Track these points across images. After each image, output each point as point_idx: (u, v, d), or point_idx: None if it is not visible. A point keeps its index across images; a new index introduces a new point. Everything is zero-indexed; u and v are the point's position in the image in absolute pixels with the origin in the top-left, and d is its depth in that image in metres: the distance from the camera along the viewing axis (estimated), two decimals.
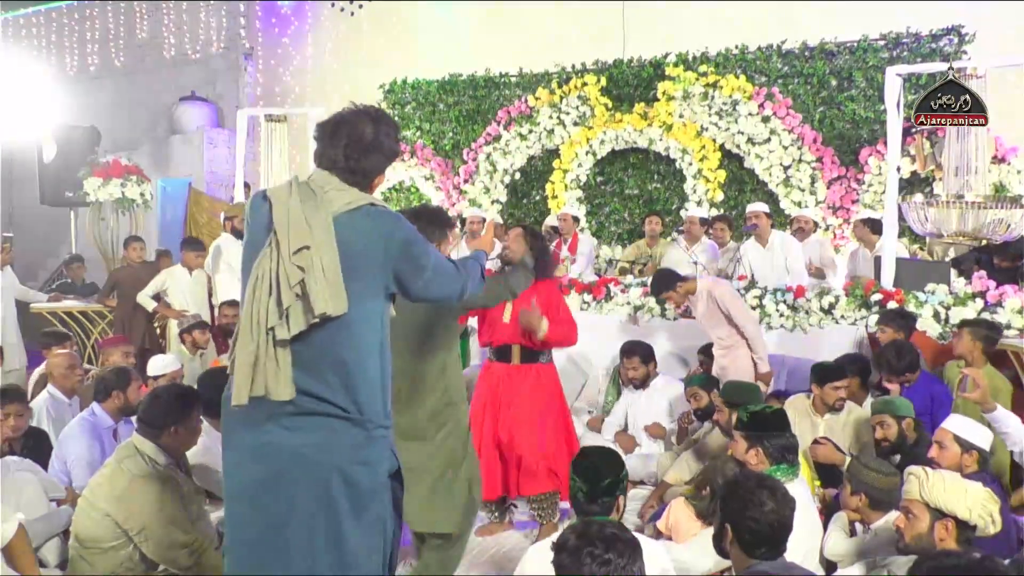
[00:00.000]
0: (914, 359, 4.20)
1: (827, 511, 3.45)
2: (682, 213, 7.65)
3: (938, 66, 6.40)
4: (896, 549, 2.74)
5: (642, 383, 5.14)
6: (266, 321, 1.94)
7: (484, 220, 7.77)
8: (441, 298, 2.27)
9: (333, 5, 9.93)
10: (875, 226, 6.09)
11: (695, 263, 6.37)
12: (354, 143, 2.09)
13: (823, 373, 4.16)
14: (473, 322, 4.83)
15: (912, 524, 2.54)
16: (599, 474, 2.47)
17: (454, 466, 3.14)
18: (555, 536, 2.03)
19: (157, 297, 7.10)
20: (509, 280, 3.40)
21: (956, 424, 3.14)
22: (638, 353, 5.14)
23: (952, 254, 6.11)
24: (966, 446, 3.05)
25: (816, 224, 7.04)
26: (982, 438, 3.09)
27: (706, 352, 5.20)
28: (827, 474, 3.90)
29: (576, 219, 7.64)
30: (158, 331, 7.42)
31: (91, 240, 8.64)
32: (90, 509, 3.00)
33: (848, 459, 3.33)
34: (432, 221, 2.97)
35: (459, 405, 3.20)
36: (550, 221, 8.17)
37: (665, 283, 4.85)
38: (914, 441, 3.66)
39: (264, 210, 2.07)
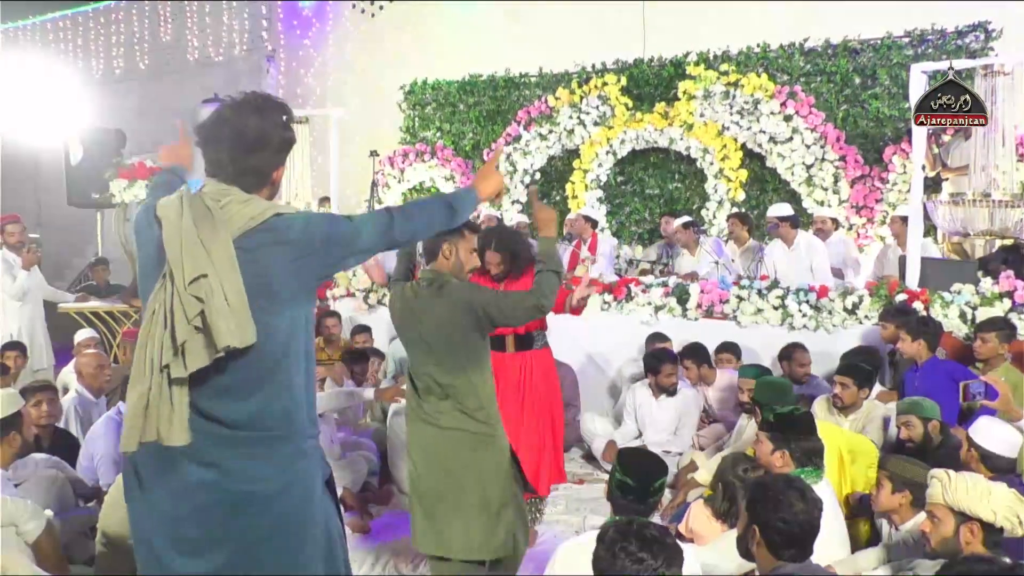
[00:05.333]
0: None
1: (849, 514, 3.43)
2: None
3: (964, 63, 6.32)
4: (923, 553, 2.72)
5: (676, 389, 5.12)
6: (160, 359, 1.74)
7: (499, 219, 7.75)
8: (384, 249, 2.11)
9: (354, 6, 10.00)
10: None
11: (716, 263, 6.36)
12: (237, 142, 1.86)
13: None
14: None
15: (937, 528, 2.51)
16: (652, 475, 2.52)
17: (484, 490, 2.96)
18: (594, 534, 2.05)
19: None
20: (550, 266, 3.04)
21: (979, 428, 3.09)
22: (698, 355, 5.21)
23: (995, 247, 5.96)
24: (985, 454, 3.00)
25: (836, 223, 6.98)
26: (1009, 442, 3.03)
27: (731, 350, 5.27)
28: None
29: (590, 220, 7.59)
30: None
31: (117, 241, 8.75)
32: (116, 506, 3.04)
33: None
34: None
35: (497, 426, 3.02)
36: (570, 218, 8.18)
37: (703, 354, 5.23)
38: (939, 443, 3.62)
39: (154, 233, 1.86)
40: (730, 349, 5.32)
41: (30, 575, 2.78)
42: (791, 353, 4.99)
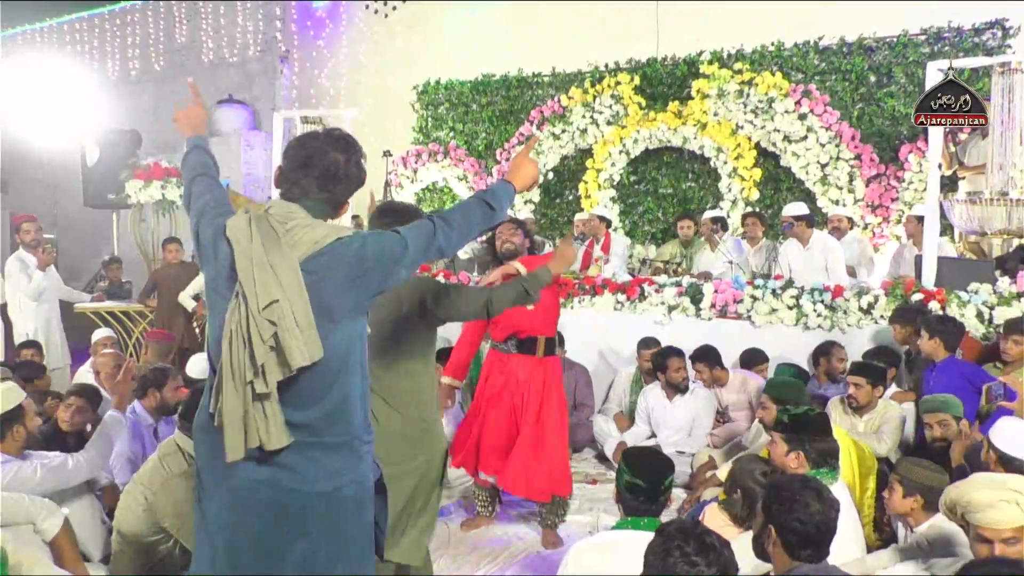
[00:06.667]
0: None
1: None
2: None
3: (981, 60, 6.28)
4: (939, 554, 2.70)
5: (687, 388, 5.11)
6: (244, 375, 1.90)
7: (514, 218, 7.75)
8: (432, 259, 2.22)
9: (367, 7, 10.03)
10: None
11: (730, 262, 6.34)
12: (327, 174, 2.04)
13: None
14: None
15: (1018, 550, 2.30)
16: (661, 474, 2.51)
17: (425, 496, 3.01)
18: (607, 535, 2.04)
19: (197, 297, 7.24)
20: (525, 283, 3.13)
21: (999, 430, 3.03)
22: (709, 357, 5.17)
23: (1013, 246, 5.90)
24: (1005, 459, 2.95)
25: (851, 222, 6.94)
26: None
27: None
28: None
29: (604, 219, 7.58)
30: (197, 331, 7.55)
31: (132, 241, 8.83)
32: (132, 504, 3.07)
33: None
34: (401, 217, 2.85)
35: (434, 427, 3.07)
36: (581, 217, 8.20)
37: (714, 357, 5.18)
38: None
39: (225, 251, 1.99)
40: (763, 358, 5.31)
41: (48, 573, 2.80)
42: (828, 349, 4.97)
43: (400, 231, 2.07)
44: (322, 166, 2.03)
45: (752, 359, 5.34)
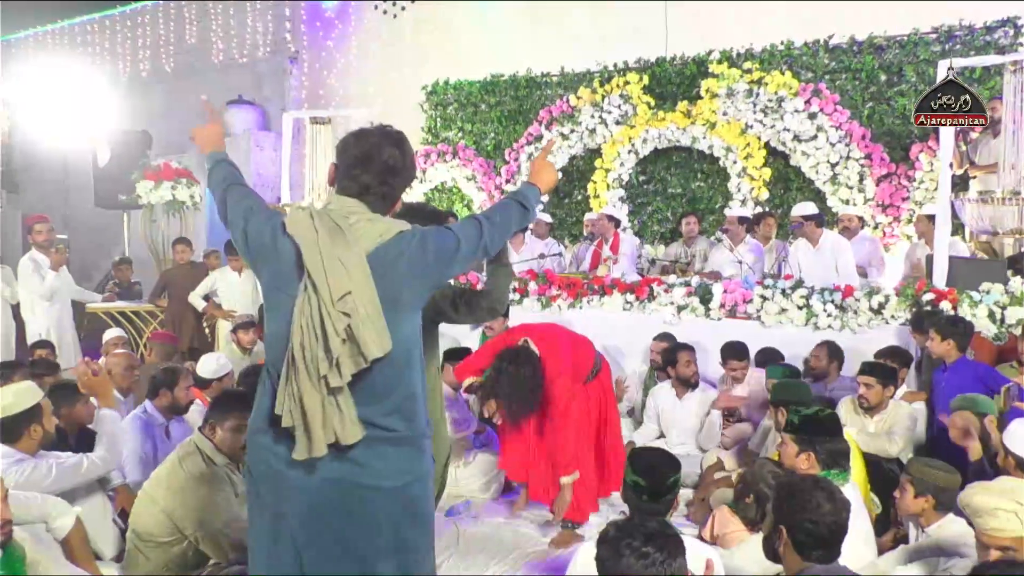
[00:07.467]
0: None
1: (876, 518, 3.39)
2: (725, 212, 7.58)
3: (992, 59, 6.24)
4: (949, 554, 2.68)
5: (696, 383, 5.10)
6: (318, 370, 1.92)
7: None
8: (480, 258, 2.27)
9: (376, 8, 10.04)
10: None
11: (739, 262, 6.32)
12: (385, 168, 2.08)
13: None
14: None
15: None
16: (663, 473, 2.51)
17: None
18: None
19: (207, 298, 7.27)
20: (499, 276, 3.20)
21: (1012, 433, 3.02)
22: (746, 354, 5.09)
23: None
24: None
25: (862, 221, 6.90)
26: None
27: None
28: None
29: (613, 219, 7.57)
30: (207, 331, 7.59)
31: (143, 241, 8.87)
32: (148, 504, 3.08)
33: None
34: (429, 219, 2.88)
35: (437, 427, 3.06)
36: (590, 217, 8.20)
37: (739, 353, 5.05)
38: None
39: (287, 247, 2.02)
40: (778, 357, 5.27)
41: (60, 572, 2.82)
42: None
43: (452, 228, 2.14)
44: (380, 161, 2.08)
45: (768, 358, 5.30)
